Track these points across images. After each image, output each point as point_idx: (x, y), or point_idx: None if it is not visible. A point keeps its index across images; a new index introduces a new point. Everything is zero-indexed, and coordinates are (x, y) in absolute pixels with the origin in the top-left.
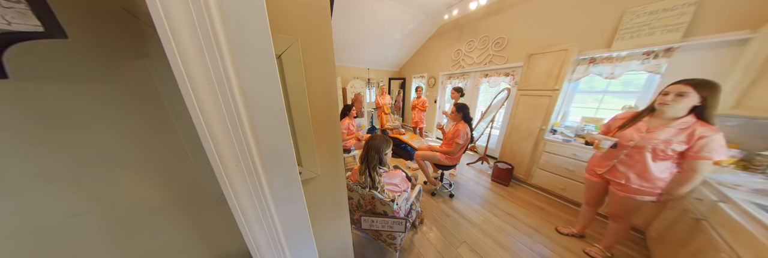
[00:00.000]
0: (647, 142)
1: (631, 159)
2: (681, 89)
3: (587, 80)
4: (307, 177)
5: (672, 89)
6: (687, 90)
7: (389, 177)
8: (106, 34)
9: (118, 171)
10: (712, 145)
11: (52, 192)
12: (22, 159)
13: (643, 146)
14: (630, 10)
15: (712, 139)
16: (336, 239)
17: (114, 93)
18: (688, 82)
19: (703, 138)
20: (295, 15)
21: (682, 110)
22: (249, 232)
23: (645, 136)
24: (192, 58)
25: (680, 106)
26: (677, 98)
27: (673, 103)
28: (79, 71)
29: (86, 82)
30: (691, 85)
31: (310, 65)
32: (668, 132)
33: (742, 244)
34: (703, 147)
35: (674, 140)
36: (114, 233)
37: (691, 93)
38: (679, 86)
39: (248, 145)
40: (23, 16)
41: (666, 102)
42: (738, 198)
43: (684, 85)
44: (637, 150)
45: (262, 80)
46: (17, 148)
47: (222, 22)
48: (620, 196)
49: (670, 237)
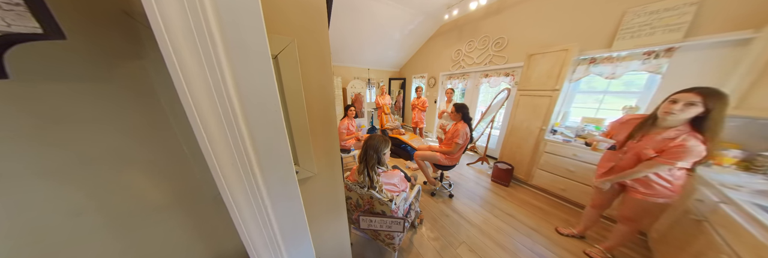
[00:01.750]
0: (638, 149)
1: (626, 164)
2: (691, 99)
3: (588, 80)
4: (304, 176)
5: (681, 98)
6: (697, 100)
7: (388, 177)
8: (103, 34)
9: (118, 169)
10: (683, 155)
11: (52, 191)
12: (23, 157)
13: (635, 151)
14: (631, 9)
15: (693, 144)
16: (333, 239)
17: (112, 92)
18: (699, 92)
19: (680, 146)
20: (292, 15)
21: (683, 120)
22: (246, 231)
23: (638, 144)
24: (188, 58)
25: (684, 117)
26: (685, 108)
27: (680, 112)
28: (77, 71)
29: (85, 82)
30: (701, 95)
31: (307, 65)
32: (656, 141)
33: (743, 245)
34: (674, 154)
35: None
36: (113, 232)
37: (699, 103)
38: (690, 95)
39: (244, 144)
40: (22, 18)
41: (673, 111)
42: (739, 199)
43: (695, 94)
44: (629, 154)
45: (258, 80)
46: (18, 147)
47: (217, 23)
48: (637, 199)
49: (671, 238)
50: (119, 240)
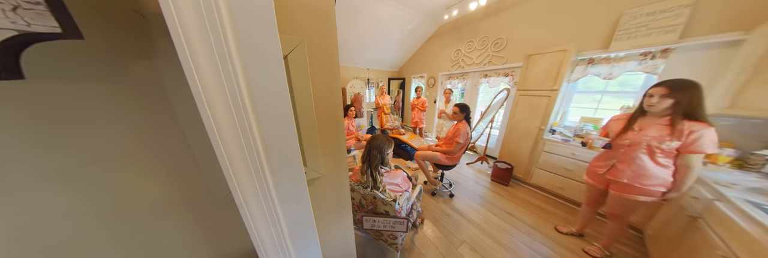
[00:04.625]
0: (640, 139)
1: (628, 157)
2: (662, 92)
3: (585, 80)
4: (312, 177)
5: (654, 92)
6: (665, 92)
7: (391, 177)
8: (118, 35)
9: (124, 171)
10: (703, 139)
11: (57, 191)
12: (29, 158)
13: (637, 144)
14: (628, 11)
15: (702, 133)
16: (339, 239)
17: (123, 93)
18: (666, 86)
19: (693, 133)
20: (301, 16)
21: (668, 109)
22: (255, 231)
23: (637, 134)
24: (202, 59)
25: (665, 106)
26: (661, 100)
27: (659, 104)
28: (91, 71)
29: (97, 82)
30: (668, 88)
31: (315, 66)
32: (657, 129)
33: (737, 242)
34: (694, 141)
35: (666, 137)
36: (119, 233)
37: (668, 95)
38: (659, 89)
39: (256, 144)
40: (42, 17)
41: (652, 103)
42: (733, 196)
43: (663, 88)
44: (633, 148)
45: (270, 80)
46: (24, 148)
47: (231, 23)
48: (621, 198)
49: (666, 235)
50: (125, 242)
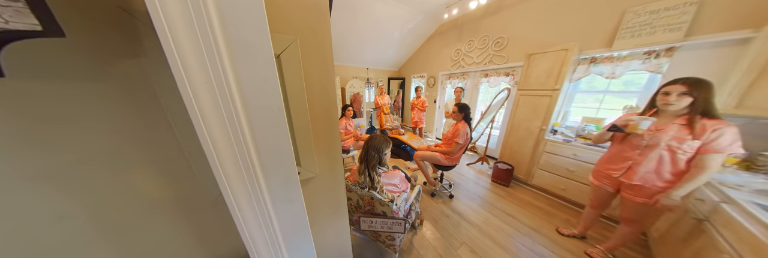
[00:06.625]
0: (659, 139)
1: (646, 158)
2: (680, 89)
3: (588, 80)
4: (306, 177)
5: (672, 89)
6: (685, 90)
7: (388, 177)
8: (102, 32)
9: (113, 171)
10: (725, 137)
11: (44, 192)
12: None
13: (655, 144)
14: (631, 9)
15: (724, 131)
16: (335, 240)
17: (110, 91)
18: (684, 82)
19: (717, 130)
20: (295, 15)
21: (685, 108)
22: (247, 232)
23: (655, 134)
24: (190, 57)
25: (683, 104)
26: (679, 98)
27: (677, 102)
28: (75, 70)
29: (82, 81)
30: (687, 85)
31: (309, 65)
32: (676, 128)
33: (744, 245)
34: (714, 140)
35: (687, 137)
36: (108, 235)
37: (688, 92)
38: (677, 86)
39: (247, 144)
40: (21, 14)
41: (670, 102)
42: (740, 198)
43: (681, 85)
44: (650, 148)
45: (261, 79)
46: (8, 147)
47: (220, 21)
48: (636, 202)
49: (671, 238)
50: (115, 243)
